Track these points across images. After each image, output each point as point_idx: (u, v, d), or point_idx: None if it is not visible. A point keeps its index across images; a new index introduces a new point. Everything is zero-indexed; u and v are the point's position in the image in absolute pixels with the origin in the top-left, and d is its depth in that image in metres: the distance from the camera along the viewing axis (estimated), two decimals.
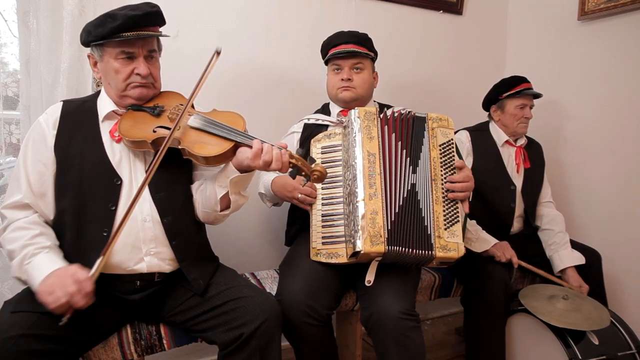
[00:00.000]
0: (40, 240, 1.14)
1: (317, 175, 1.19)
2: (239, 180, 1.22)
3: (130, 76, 1.23)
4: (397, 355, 1.30)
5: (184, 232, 1.28)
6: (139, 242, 1.22)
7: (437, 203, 1.37)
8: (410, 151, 1.40)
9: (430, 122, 1.44)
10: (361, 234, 1.29)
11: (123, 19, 1.16)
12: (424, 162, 1.40)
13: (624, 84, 2.01)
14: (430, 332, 2.36)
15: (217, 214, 1.28)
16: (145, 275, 1.24)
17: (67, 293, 1.00)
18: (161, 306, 1.30)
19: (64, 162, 1.21)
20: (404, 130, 1.42)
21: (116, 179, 1.22)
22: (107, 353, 1.25)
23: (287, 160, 1.17)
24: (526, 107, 1.92)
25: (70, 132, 1.23)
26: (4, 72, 1.66)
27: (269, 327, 1.19)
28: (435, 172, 1.39)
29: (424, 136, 1.42)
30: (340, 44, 1.65)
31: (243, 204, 1.32)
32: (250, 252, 2.01)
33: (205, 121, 1.23)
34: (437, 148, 1.42)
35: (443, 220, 1.36)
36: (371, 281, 1.32)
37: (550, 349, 1.52)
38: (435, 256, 1.33)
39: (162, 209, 1.24)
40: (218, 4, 1.86)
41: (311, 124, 1.71)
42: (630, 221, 2.00)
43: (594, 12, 2.08)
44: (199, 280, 1.28)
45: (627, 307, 1.99)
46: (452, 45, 2.42)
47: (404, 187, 1.37)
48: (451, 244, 1.35)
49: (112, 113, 1.27)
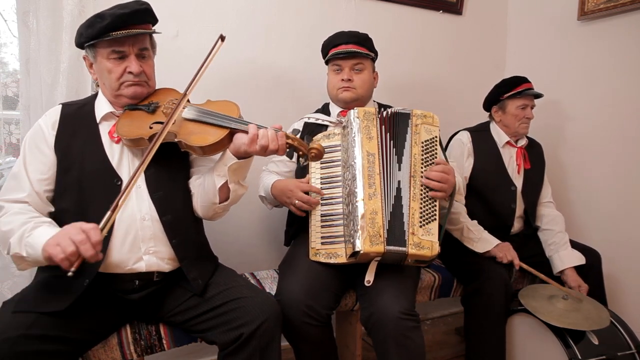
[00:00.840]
0: (40, 219, 1.14)
1: (314, 153, 1.17)
2: (237, 168, 1.22)
3: (123, 75, 1.23)
4: (397, 355, 1.30)
5: (183, 230, 1.28)
6: (137, 241, 1.22)
7: (414, 200, 1.36)
8: (397, 148, 1.40)
9: (414, 118, 1.43)
10: (360, 233, 1.29)
11: (111, 18, 1.16)
12: (406, 158, 1.39)
13: (624, 84, 2.01)
14: (430, 332, 2.36)
15: (216, 206, 1.27)
16: (144, 274, 1.24)
17: (74, 241, 0.97)
18: (160, 306, 1.30)
19: (64, 163, 1.21)
20: (392, 128, 1.42)
21: (116, 179, 1.22)
22: (107, 353, 1.25)
23: (283, 142, 1.16)
24: (527, 107, 1.92)
25: (69, 134, 1.24)
26: (3, 72, 1.66)
27: (269, 327, 1.19)
28: (415, 168, 1.38)
29: (407, 132, 1.41)
30: (341, 44, 1.65)
31: (242, 194, 1.31)
32: (250, 252, 2.01)
33: (199, 112, 1.23)
34: (419, 145, 1.40)
35: (419, 218, 1.34)
36: (370, 281, 1.31)
37: (550, 349, 1.52)
38: (407, 253, 1.31)
39: (161, 208, 1.24)
40: (218, 4, 1.86)
41: (311, 122, 1.72)
42: (630, 221, 2.00)
43: (594, 12, 2.08)
44: (198, 280, 1.27)
45: (627, 307, 1.98)
46: (452, 45, 2.42)
47: (394, 185, 1.37)
48: (425, 242, 1.32)
49: (109, 114, 1.28)
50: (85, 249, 0.97)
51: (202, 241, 1.41)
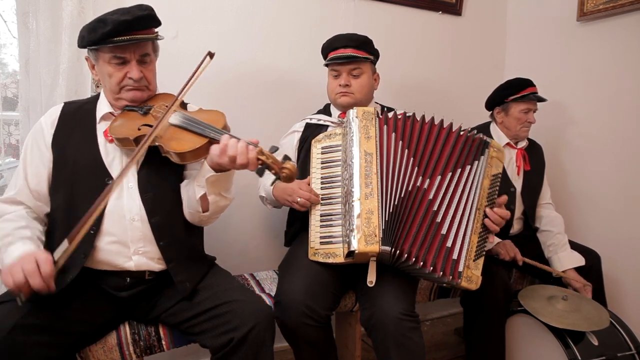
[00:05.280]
0: (21, 232, 1.15)
1: (285, 173, 1.10)
2: (215, 180, 1.19)
3: (124, 80, 1.24)
4: (397, 356, 1.30)
5: (172, 232, 1.27)
6: (127, 241, 1.22)
7: (475, 233, 1.37)
8: (422, 154, 1.39)
9: (492, 149, 1.43)
10: (356, 233, 1.29)
11: (113, 24, 1.15)
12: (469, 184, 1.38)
13: (624, 84, 2.01)
14: (430, 333, 2.35)
15: (201, 215, 1.26)
16: (135, 273, 1.24)
17: (23, 271, 0.99)
18: (153, 305, 1.29)
19: (60, 160, 1.23)
20: (407, 131, 1.41)
21: (107, 178, 1.22)
22: (106, 354, 1.25)
23: (254, 156, 1.10)
24: (530, 111, 1.92)
25: (67, 132, 1.25)
26: (3, 73, 1.66)
27: (260, 332, 1.17)
28: (482, 201, 1.39)
29: (479, 160, 1.41)
30: (339, 47, 1.64)
31: (225, 205, 1.28)
32: (250, 252, 2.01)
33: (184, 118, 1.23)
34: (489, 178, 1.41)
35: (475, 252, 1.36)
36: (373, 282, 1.31)
37: (549, 350, 1.52)
38: (459, 285, 1.34)
39: (150, 209, 1.23)
40: (217, 5, 1.86)
41: (313, 124, 1.72)
42: (630, 222, 2.00)
43: (593, 13, 2.08)
44: (186, 282, 1.26)
45: (627, 307, 1.98)
46: (451, 46, 2.42)
47: (403, 188, 1.36)
48: (474, 276, 1.36)
49: (108, 114, 1.29)
50: (34, 282, 0.99)
51: (193, 243, 1.37)
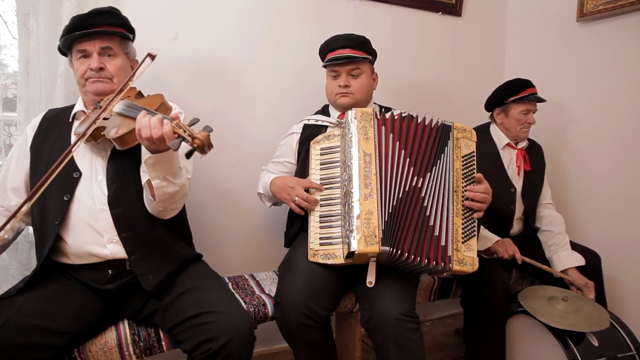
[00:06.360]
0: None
1: (197, 143, 1.01)
2: (155, 162, 1.15)
3: (86, 72, 1.30)
4: (397, 357, 1.30)
5: (134, 224, 1.26)
6: (99, 229, 1.25)
7: (457, 215, 1.37)
8: (416, 154, 1.39)
9: (455, 131, 1.43)
10: (356, 234, 1.29)
11: (72, 21, 1.29)
12: (443, 170, 1.39)
13: (623, 85, 2.01)
14: (430, 334, 2.35)
15: (154, 203, 1.23)
16: (115, 262, 1.26)
17: None
18: (145, 303, 1.29)
19: (36, 159, 1.30)
20: (403, 132, 1.41)
21: (75, 172, 1.27)
22: (106, 355, 1.25)
23: (169, 129, 1.05)
24: (530, 112, 1.92)
25: (45, 134, 1.33)
26: (3, 73, 1.66)
27: (237, 345, 1.12)
28: (457, 183, 1.39)
29: (447, 145, 1.41)
30: (337, 48, 1.64)
31: (175, 192, 1.22)
32: (249, 253, 2.01)
33: (125, 105, 1.22)
34: (460, 159, 1.41)
35: (462, 234, 1.36)
36: (372, 282, 1.31)
37: (549, 351, 1.52)
38: (451, 269, 1.33)
39: (113, 201, 1.26)
40: (217, 6, 1.86)
41: (311, 124, 1.71)
42: (630, 222, 2.00)
43: (593, 14, 2.08)
44: (148, 275, 1.24)
45: (627, 308, 1.98)
46: (451, 46, 2.42)
47: (400, 188, 1.37)
48: (467, 258, 1.35)
49: (80, 112, 1.35)
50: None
51: (160, 236, 1.31)
